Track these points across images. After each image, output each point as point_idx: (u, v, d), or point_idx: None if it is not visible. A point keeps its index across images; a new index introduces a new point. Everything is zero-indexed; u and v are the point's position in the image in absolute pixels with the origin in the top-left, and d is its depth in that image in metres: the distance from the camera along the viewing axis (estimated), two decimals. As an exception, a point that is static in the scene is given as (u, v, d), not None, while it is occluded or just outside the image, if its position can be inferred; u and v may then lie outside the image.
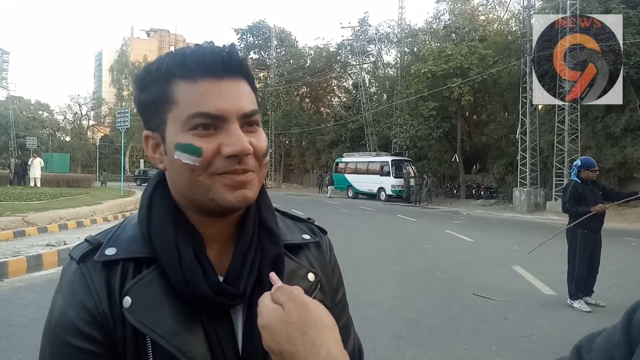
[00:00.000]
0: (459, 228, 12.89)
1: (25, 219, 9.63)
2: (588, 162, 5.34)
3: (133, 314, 0.63)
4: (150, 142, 0.70)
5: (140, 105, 0.69)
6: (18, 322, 4.29)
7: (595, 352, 0.53)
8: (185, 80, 0.64)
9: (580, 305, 5.17)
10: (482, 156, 27.96)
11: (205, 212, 0.68)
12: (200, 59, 0.64)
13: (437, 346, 4.01)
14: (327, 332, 0.56)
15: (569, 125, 18.07)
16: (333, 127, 35.16)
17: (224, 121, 0.64)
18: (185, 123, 0.64)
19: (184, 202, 0.69)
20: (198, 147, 0.63)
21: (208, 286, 0.65)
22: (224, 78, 0.65)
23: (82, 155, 54.02)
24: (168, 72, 0.65)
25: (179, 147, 0.64)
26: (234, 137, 0.64)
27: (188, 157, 0.63)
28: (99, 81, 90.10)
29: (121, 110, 21.70)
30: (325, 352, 0.55)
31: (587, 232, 5.23)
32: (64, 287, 0.67)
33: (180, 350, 0.63)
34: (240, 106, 0.65)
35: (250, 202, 0.68)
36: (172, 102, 0.65)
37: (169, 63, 0.66)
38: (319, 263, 0.79)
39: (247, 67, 0.68)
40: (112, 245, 0.68)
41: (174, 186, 0.68)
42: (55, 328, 0.65)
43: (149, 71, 0.68)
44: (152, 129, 0.69)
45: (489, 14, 30.49)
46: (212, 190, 0.64)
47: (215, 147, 0.63)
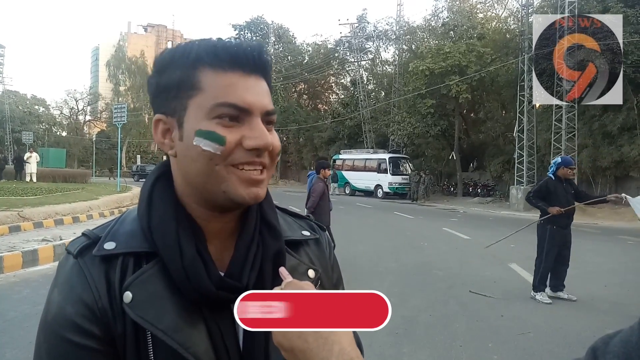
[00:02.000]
0: (455, 226, 12.91)
1: (20, 214, 9.59)
2: (568, 160, 5.68)
3: (134, 309, 0.62)
4: (160, 127, 0.68)
5: (158, 88, 0.68)
6: (13, 317, 4.27)
7: (612, 354, 0.51)
8: (213, 69, 0.64)
9: (542, 297, 5.36)
10: (479, 154, 28.01)
11: (211, 206, 0.67)
12: (233, 52, 0.65)
13: (433, 343, 4.01)
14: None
15: (566, 124, 18.11)
16: (331, 124, 35.17)
17: (249, 114, 0.64)
18: (210, 111, 0.63)
19: (190, 194, 0.68)
20: (222, 136, 0.63)
21: (210, 281, 0.64)
22: (251, 74, 0.66)
23: (79, 151, 53.82)
24: (197, 59, 0.65)
25: (201, 134, 0.63)
26: (257, 131, 0.64)
27: (210, 144, 0.63)
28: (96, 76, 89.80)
29: (118, 105, 21.59)
30: (339, 349, 0.54)
31: (556, 228, 5.45)
32: (61, 282, 0.65)
33: (183, 346, 0.62)
34: (264, 103, 0.66)
35: (260, 200, 0.68)
36: (197, 88, 0.64)
37: (198, 50, 0.65)
38: (318, 260, 0.79)
39: (270, 69, 0.70)
40: (111, 239, 0.67)
41: (185, 174, 0.67)
42: (52, 324, 0.63)
43: (173, 54, 0.67)
44: (167, 114, 0.67)
45: (487, 12, 30.49)
46: (226, 183, 0.64)
47: (238, 139, 0.64)
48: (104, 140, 54.48)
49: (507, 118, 25.23)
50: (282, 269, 0.66)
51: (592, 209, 15.47)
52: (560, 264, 5.48)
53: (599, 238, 10.80)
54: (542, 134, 20.31)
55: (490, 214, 17.82)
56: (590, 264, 7.71)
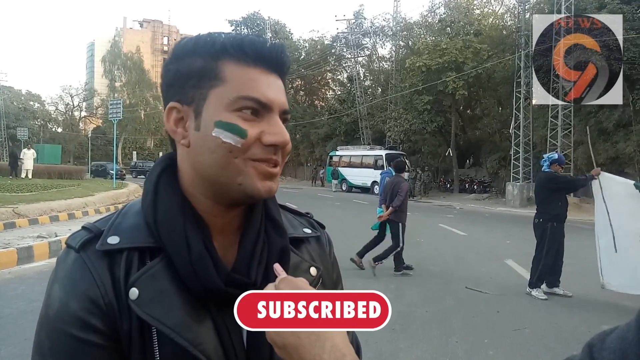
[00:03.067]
0: (452, 222, 12.95)
1: (15, 211, 9.54)
2: (562, 158, 5.84)
3: (141, 306, 0.61)
4: (174, 115, 0.67)
5: (176, 75, 0.67)
6: (8, 314, 4.25)
7: (608, 350, 0.51)
8: (238, 62, 0.64)
9: (538, 293, 5.41)
10: (476, 150, 28.05)
11: (220, 199, 0.67)
12: (259, 48, 0.65)
13: (429, 339, 4.02)
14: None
15: (562, 121, 18.16)
16: (327, 120, 35.11)
17: (269, 111, 0.65)
18: (232, 103, 0.63)
19: (199, 186, 0.67)
20: (244, 129, 0.63)
21: (219, 277, 0.63)
22: (272, 72, 0.66)
23: (74, 147, 53.52)
24: (222, 50, 0.64)
25: (222, 125, 0.63)
26: (276, 128, 0.65)
27: (231, 136, 0.62)
28: (91, 72, 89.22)
29: (113, 101, 21.48)
30: (331, 345, 0.54)
31: (556, 225, 5.49)
32: (62, 277, 0.63)
33: (193, 344, 0.61)
34: (283, 101, 0.67)
35: (273, 194, 0.68)
36: (220, 79, 0.64)
37: (225, 41, 0.65)
38: (319, 257, 0.79)
39: (288, 70, 0.70)
40: (114, 233, 0.65)
41: (196, 165, 0.66)
42: (55, 320, 0.61)
43: (196, 42, 0.66)
44: (183, 102, 0.66)
45: (484, 8, 30.51)
46: (243, 175, 0.64)
47: (257, 134, 0.64)
48: (100, 137, 54.19)
49: (503, 114, 25.29)
50: (276, 265, 0.65)
51: (587, 205, 15.57)
52: (556, 259, 5.52)
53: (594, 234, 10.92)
54: (538, 130, 20.35)
55: (487, 211, 17.89)
56: (585, 260, 7.73)
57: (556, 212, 5.46)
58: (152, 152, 52.94)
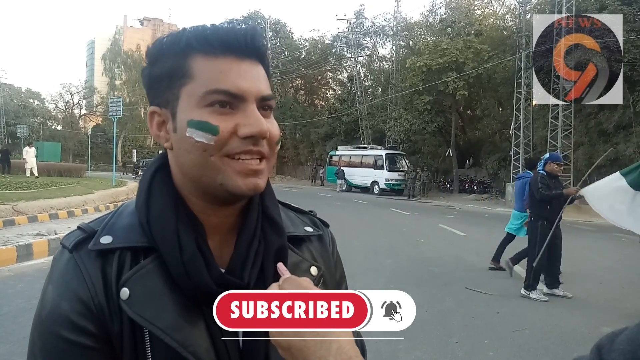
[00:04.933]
0: (451, 222, 12.94)
1: (15, 208, 9.52)
2: (555, 155, 5.70)
3: (131, 306, 0.60)
4: (155, 119, 0.66)
5: (151, 79, 0.66)
6: (7, 312, 4.24)
7: (617, 352, 0.50)
8: (205, 55, 0.62)
9: (538, 295, 5.32)
10: (476, 151, 28.04)
11: (210, 199, 0.65)
12: (223, 37, 0.62)
13: (429, 340, 4.01)
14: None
15: (562, 122, 18.16)
16: (327, 119, 35.07)
17: (243, 101, 0.62)
18: (201, 99, 0.61)
19: (188, 187, 0.65)
20: (214, 126, 0.60)
21: (211, 278, 0.62)
22: (245, 59, 0.63)
23: (74, 145, 53.52)
24: (187, 46, 0.62)
25: (193, 124, 0.61)
26: (252, 118, 0.61)
27: (202, 135, 0.60)
28: (91, 70, 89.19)
29: (113, 99, 21.47)
30: (337, 347, 0.53)
31: (547, 224, 5.36)
32: (56, 277, 0.63)
33: (183, 345, 0.60)
34: (260, 88, 0.63)
35: (260, 191, 0.65)
36: (188, 76, 0.62)
37: (188, 37, 0.63)
38: (321, 256, 0.77)
39: (266, 53, 0.66)
40: (107, 233, 0.64)
41: (180, 167, 0.65)
42: (46, 321, 0.61)
43: (164, 43, 0.65)
44: (161, 105, 0.65)
45: (484, 9, 30.48)
46: (222, 175, 0.62)
47: (232, 127, 0.61)
48: (100, 135, 54.18)
49: (503, 115, 25.28)
50: (280, 265, 0.64)
51: (586, 206, 15.56)
52: (554, 259, 5.47)
53: (595, 236, 10.85)
54: (539, 131, 20.35)
55: (486, 211, 17.89)
56: (585, 261, 7.75)
57: (544, 214, 5.34)
58: (152, 151, 52.92)
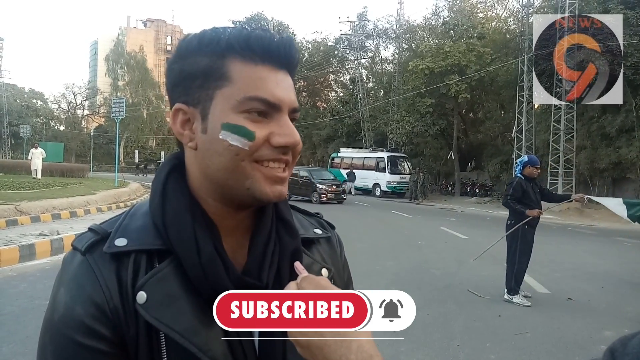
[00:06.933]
0: (453, 225, 12.92)
1: (18, 208, 9.56)
2: (534, 159, 5.60)
3: (149, 310, 0.59)
4: (180, 117, 0.65)
5: (180, 75, 0.64)
6: (9, 311, 4.25)
7: (631, 355, 0.51)
8: (244, 60, 0.62)
9: (521, 300, 5.28)
10: (478, 154, 28.02)
11: (229, 202, 0.65)
12: (266, 45, 0.62)
13: (430, 342, 4.01)
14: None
15: (564, 125, 18.13)
16: (329, 121, 35.09)
17: (278, 110, 0.62)
18: (239, 104, 0.61)
19: (206, 188, 0.65)
20: (252, 131, 0.60)
21: (229, 280, 0.61)
22: (280, 69, 0.63)
23: (76, 145, 53.62)
24: (228, 48, 0.62)
25: (228, 127, 0.61)
26: (286, 128, 0.62)
27: (238, 139, 0.60)
28: (94, 70, 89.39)
29: (116, 100, 21.54)
30: (357, 346, 0.53)
31: (527, 228, 5.37)
32: (68, 280, 0.62)
33: (202, 349, 0.59)
34: (293, 99, 0.64)
35: (284, 198, 0.66)
36: (226, 79, 0.61)
37: (230, 39, 0.62)
38: (330, 258, 0.78)
39: (297, 66, 0.67)
40: (121, 235, 0.63)
41: (205, 168, 0.64)
42: (59, 325, 0.60)
43: (201, 40, 0.63)
44: (189, 103, 0.63)
45: (487, 12, 30.51)
46: (251, 180, 0.62)
47: (266, 135, 0.61)
48: (102, 135, 54.29)
49: (505, 118, 25.24)
50: (297, 264, 0.64)
51: (589, 210, 15.52)
52: None
53: (596, 239, 10.84)
54: (541, 134, 20.32)
55: (488, 214, 17.85)
56: (587, 265, 7.72)
57: (524, 216, 5.31)
58: (154, 152, 52.98)
